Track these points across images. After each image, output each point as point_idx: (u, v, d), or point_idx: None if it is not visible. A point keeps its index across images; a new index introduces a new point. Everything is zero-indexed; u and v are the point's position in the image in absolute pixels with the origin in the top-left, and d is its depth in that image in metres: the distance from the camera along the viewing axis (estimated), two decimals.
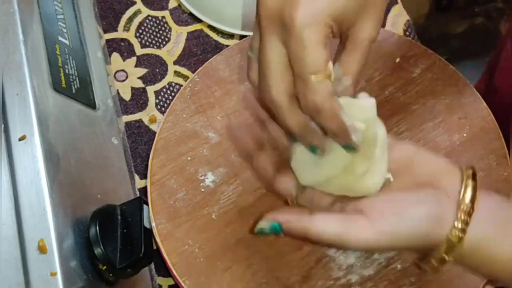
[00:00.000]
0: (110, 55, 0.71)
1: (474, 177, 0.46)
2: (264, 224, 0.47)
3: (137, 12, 0.74)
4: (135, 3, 0.75)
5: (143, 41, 0.72)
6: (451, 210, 0.45)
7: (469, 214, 0.45)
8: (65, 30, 0.63)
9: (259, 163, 0.51)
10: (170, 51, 0.72)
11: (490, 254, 0.45)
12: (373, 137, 0.46)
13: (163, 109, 0.68)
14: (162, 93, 0.69)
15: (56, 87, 0.57)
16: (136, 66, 0.71)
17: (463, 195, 0.45)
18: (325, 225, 0.46)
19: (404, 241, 0.46)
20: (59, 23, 0.62)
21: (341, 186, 0.48)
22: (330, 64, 0.42)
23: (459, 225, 0.44)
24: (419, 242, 0.46)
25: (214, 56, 0.68)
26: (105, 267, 0.51)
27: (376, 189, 0.47)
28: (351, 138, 0.44)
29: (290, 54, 0.42)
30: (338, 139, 0.45)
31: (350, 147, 0.45)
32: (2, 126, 0.52)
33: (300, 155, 0.48)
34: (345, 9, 0.42)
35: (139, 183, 0.65)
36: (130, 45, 0.72)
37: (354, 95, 0.46)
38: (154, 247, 0.59)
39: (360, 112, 0.45)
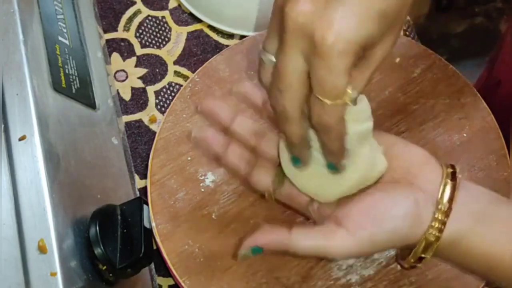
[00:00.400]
0: (110, 55, 0.71)
1: (454, 176, 0.46)
2: (245, 251, 0.48)
3: (137, 12, 0.74)
4: (135, 3, 0.75)
5: (143, 41, 0.72)
6: (428, 209, 0.45)
7: (447, 214, 0.45)
8: (65, 30, 0.63)
9: (229, 158, 0.51)
10: (170, 51, 0.72)
11: (465, 248, 0.46)
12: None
13: (163, 109, 0.68)
14: (162, 93, 0.69)
15: (56, 87, 0.57)
16: (136, 66, 0.71)
17: (441, 195, 0.45)
18: (305, 240, 0.47)
19: (384, 244, 0.46)
20: (59, 23, 0.62)
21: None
22: (349, 90, 0.41)
23: (436, 224, 0.45)
24: (398, 243, 0.47)
25: (214, 56, 0.68)
26: (105, 267, 0.51)
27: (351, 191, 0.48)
28: (342, 162, 0.45)
29: (312, 74, 0.41)
30: (332, 158, 0.45)
31: (334, 167, 0.46)
32: (2, 126, 0.52)
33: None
34: (374, 35, 0.41)
35: (139, 183, 0.65)
36: (130, 45, 0.72)
37: None
38: (154, 247, 0.59)
39: (355, 114, 0.45)
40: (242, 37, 0.71)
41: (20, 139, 0.52)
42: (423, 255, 0.46)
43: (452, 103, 0.64)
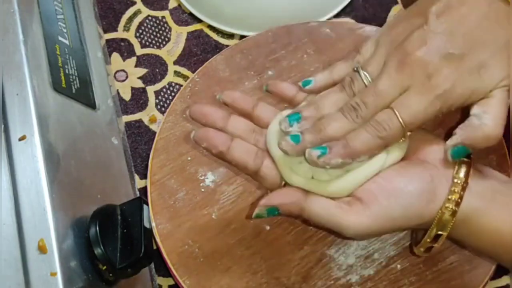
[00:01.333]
0: (110, 55, 0.71)
1: (468, 156, 0.47)
2: (261, 210, 0.48)
3: (137, 12, 0.74)
4: (135, 3, 0.75)
5: (143, 41, 0.72)
6: (443, 185, 0.46)
7: (463, 187, 0.46)
8: (65, 30, 0.63)
9: (234, 154, 0.50)
10: (170, 51, 0.72)
11: (477, 225, 0.47)
12: None
13: (163, 109, 0.68)
14: (162, 93, 0.69)
15: (56, 87, 0.57)
16: (136, 66, 0.71)
17: (457, 170, 0.46)
18: (320, 206, 0.47)
19: (399, 221, 0.47)
20: (59, 23, 0.62)
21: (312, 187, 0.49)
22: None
23: (453, 197, 0.46)
24: (413, 220, 0.47)
25: (214, 56, 0.68)
26: (105, 267, 0.51)
27: (342, 194, 0.48)
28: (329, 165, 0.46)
29: (405, 95, 0.45)
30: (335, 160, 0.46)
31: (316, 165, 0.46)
32: (2, 126, 0.52)
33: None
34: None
35: (139, 183, 0.65)
36: (130, 45, 0.72)
37: None
38: (154, 247, 0.59)
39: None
40: (242, 37, 0.71)
41: (20, 139, 0.52)
42: (439, 232, 0.47)
43: None
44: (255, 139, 0.52)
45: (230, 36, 0.73)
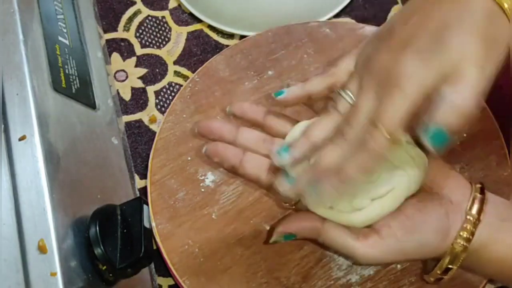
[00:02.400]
0: (110, 55, 0.71)
1: (482, 190, 0.48)
2: (278, 237, 0.48)
3: (137, 12, 0.74)
4: (135, 3, 0.75)
5: (143, 41, 0.72)
6: (457, 221, 0.46)
7: (475, 225, 0.46)
8: (65, 30, 0.63)
9: (246, 169, 0.50)
10: (170, 51, 0.72)
11: (486, 255, 0.47)
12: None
13: (163, 109, 0.68)
14: (162, 93, 0.69)
15: (56, 87, 0.57)
16: (136, 66, 0.71)
17: (470, 207, 0.47)
18: (335, 234, 0.47)
19: (412, 255, 0.47)
20: (59, 23, 0.62)
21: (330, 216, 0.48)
22: (404, 136, 0.43)
23: (464, 234, 0.46)
24: (426, 255, 0.47)
25: (214, 56, 0.68)
26: (105, 267, 0.51)
27: (363, 225, 0.48)
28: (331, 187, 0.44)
29: (379, 105, 0.44)
30: (325, 180, 0.44)
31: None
32: (2, 126, 0.52)
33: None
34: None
35: (139, 183, 0.65)
36: (130, 45, 0.72)
37: None
38: (154, 247, 0.59)
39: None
40: (242, 37, 0.71)
41: (20, 139, 0.52)
42: (449, 266, 0.47)
43: None
44: (267, 149, 0.51)
45: (230, 36, 0.73)
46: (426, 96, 0.43)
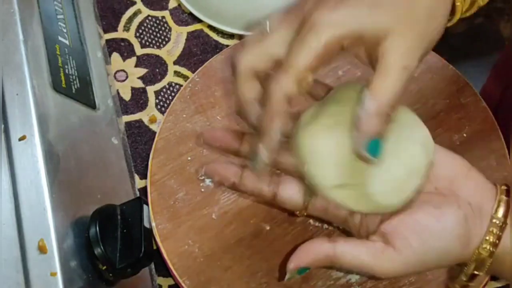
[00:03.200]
0: (110, 55, 0.71)
1: (507, 192, 0.45)
2: (292, 274, 0.45)
3: (137, 12, 0.74)
4: (135, 3, 0.75)
5: (143, 41, 0.72)
6: (477, 226, 0.44)
7: (502, 228, 0.44)
8: (65, 30, 0.63)
9: (247, 185, 0.48)
10: (170, 51, 0.72)
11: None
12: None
13: (163, 109, 0.68)
14: (162, 93, 0.69)
15: (56, 87, 0.57)
16: (136, 66, 0.71)
17: (496, 210, 0.44)
18: (351, 257, 0.44)
19: (434, 264, 0.45)
20: (59, 23, 0.62)
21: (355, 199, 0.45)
22: (311, 75, 0.42)
23: (491, 239, 0.44)
24: (448, 263, 0.45)
25: (214, 56, 0.68)
26: (105, 267, 0.51)
27: (394, 208, 0.45)
28: (269, 145, 0.43)
29: (291, 42, 0.42)
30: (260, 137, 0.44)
31: (254, 162, 0.44)
32: (2, 126, 0.52)
33: (320, 155, 0.45)
34: (368, 23, 0.41)
35: (139, 183, 0.65)
36: (130, 45, 0.72)
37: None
38: (154, 247, 0.59)
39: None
40: (242, 37, 0.71)
41: (20, 139, 0.52)
42: (475, 272, 0.45)
43: (452, 103, 0.64)
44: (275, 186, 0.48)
45: (230, 36, 0.73)
46: (339, 46, 0.42)
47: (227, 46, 0.70)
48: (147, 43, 0.72)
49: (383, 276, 0.45)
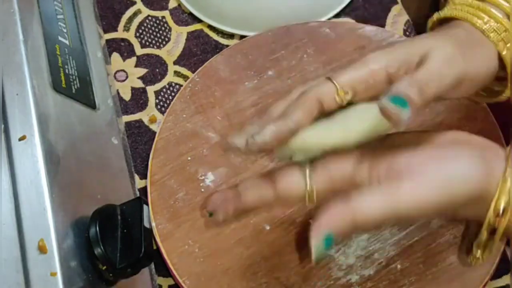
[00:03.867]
0: (110, 55, 0.71)
1: None
2: (319, 247, 0.41)
3: (137, 12, 0.74)
4: (135, 3, 0.75)
5: (143, 41, 0.72)
6: (498, 159, 0.43)
7: None
8: (65, 30, 0.63)
9: (248, 199, 0.45)
10: (170, 51, 0.72)
11: None
12: None
13: (163, 109, 0.68)
14: (162, 93, 0.69)
15: (56, 87, 0.57)
16: (136, 66, 0.71)
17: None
18: (370, 206, 0.41)
19: (459, 192, 0.42)
20: (59, 23, 0.62)
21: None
22: (351, 93, 0.44)
23: None
24: (472, 192, 0.42)
25: (214, 56, 0.68)
26: (105, 267, 0.51)
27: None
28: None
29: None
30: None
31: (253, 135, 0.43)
32: (2, 126, 0.52)
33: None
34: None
35: (139, 183, 0.65)
36: (130, 45, 0.72)
37: None
38: (154, 247, 0.59)
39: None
40: (242, 37, 0.71)
41: (20, 139, 0.52)
42: (501, 208, 0.41)
43: (452, 103, 0.64)
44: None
45: (230, 36, 0.73)
46: (387, 77, 0.44)
47: (227, 46, 0.70)
48: (147, 43, 0.72)
49: (411, 210, 0.41)
